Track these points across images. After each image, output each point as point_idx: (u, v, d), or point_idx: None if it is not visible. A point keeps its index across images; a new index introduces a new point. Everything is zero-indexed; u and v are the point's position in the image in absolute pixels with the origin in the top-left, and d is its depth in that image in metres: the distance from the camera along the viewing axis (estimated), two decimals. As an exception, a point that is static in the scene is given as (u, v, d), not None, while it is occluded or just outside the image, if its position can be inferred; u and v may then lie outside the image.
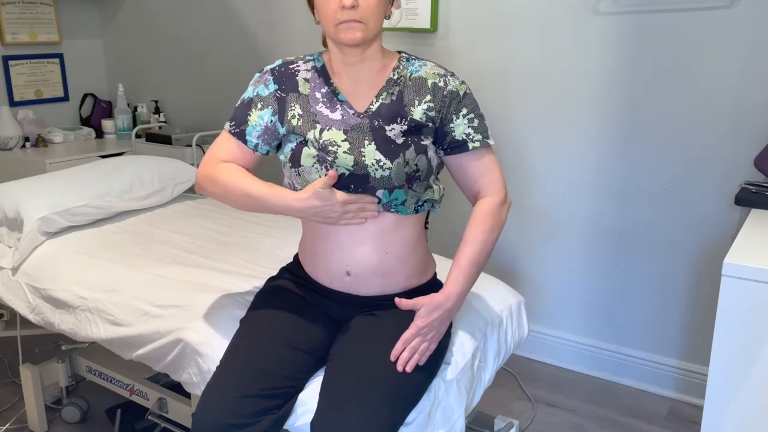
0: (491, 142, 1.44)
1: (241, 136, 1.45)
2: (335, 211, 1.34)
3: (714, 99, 2.10)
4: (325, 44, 1.48)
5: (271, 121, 1.44)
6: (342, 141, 1.37)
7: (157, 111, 3.58)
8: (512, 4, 2.40)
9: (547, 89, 2.39)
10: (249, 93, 1.46)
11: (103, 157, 3.13)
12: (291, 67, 1.46)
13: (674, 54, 2.13)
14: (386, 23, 1.48)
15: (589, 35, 2.27)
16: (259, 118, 1.44)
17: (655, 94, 2.19)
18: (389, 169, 1.35)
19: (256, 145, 1.45)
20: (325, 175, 1.36)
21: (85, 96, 3.74)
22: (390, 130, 1.37)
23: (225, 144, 1.46)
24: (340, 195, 1.34)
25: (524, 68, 2.42)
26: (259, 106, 1.44)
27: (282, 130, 1.44)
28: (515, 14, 2.40)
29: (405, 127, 1.38)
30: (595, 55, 2.27)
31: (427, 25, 2.57)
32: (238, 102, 1.47)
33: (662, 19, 2.13)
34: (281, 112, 1.43)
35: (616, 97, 2.26)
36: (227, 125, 1.47)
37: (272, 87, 1.44)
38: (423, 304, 1.35)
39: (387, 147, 1.36)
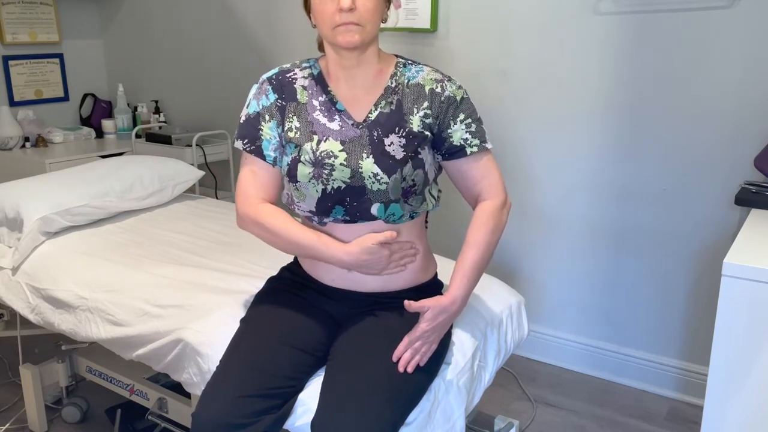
0: (489, 145, 1.44)
1: (258, 152, 1.42)
2: (382, 263, 1.38)
3: (714, 99, 2.10)
4: (321, 48, 1.46)
5: (279, 133, 1.42)
6: (339, 152, 1.36)
7: (157, 111, 3.58)
8: (512, 4, 2.39)
9: (547, 89, 2.39)
10: (253, 107, 1.44)
11: (103, 157, 3.13)
12: (288, 75, 1.44)
13: (674, 54, 2.13)
14: (386, 23, 1.48)
15: (590, 35, 2.27)
16: (271, 131, 1.42)
17: (655, 94, 2.19)
18: (386, 183, 1.35)
19: (275, 159, 1.43)
20: (322, 189, 1.36)
21: (85, 96, 3.74)
22: (389, 144, 1.37)
23: (250, 176, 1.43)
24: (388, 248, 1.37)
25: (524, 68, 2.42)
26: (267, 118, 1.42)
27: (283, 141, 1.43)
28: (515, 14, 2.40)
29: (403, 140, 1.37)
30: (595, 55, 2.27)
31: (427, 25, 2.57)
32: (243, 118, 1.45)
33: (662, 19, 2.13)
34: (282, 123, 1.42)
35: (617, 97, 2.26)
36: (240, 144, 1.44)
37: (272, 97, 1.43)
38: (429, 307, 1.34)
39: (386, 162, 1.35)
